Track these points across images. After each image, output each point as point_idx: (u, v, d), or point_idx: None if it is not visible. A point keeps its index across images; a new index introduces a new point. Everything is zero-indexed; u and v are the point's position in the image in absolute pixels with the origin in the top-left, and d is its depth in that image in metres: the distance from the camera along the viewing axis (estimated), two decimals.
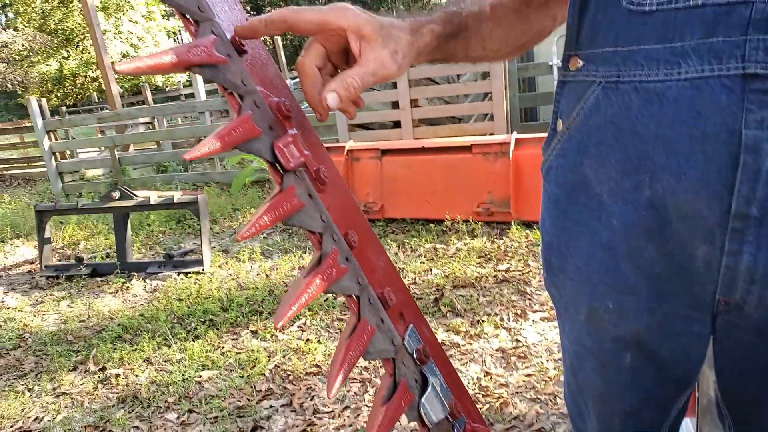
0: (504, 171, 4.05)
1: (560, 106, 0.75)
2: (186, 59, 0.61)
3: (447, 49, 0.79)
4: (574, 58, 0.72)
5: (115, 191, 4.46)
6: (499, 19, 0.83)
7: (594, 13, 0.67)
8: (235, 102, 0.69)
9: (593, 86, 0.67)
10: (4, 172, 12.83)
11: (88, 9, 10.89)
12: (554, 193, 0.77)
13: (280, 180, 0.71)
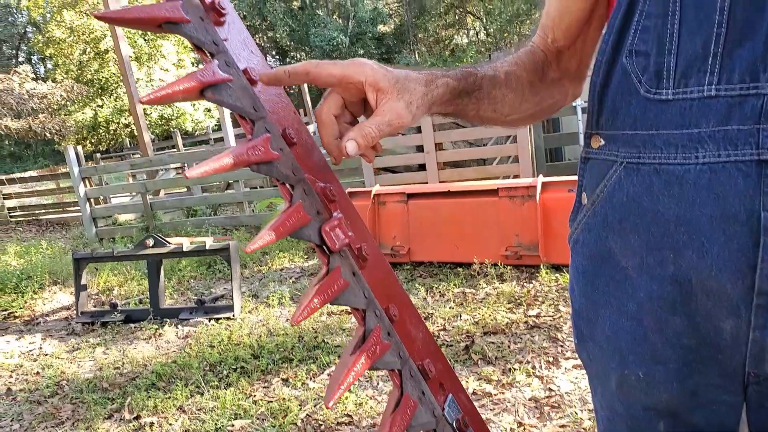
0: (531, 214, 4.06)
1: (584, 180, 0.79)
2: (245, 159, 0.66)
3: (459, 104, 0.82)
4: (595, 136, 0.76)
5: (149, 239, 4.57)
6: (513, 87, 0.87)
7: (614, 98, 0.72)
8: (287, 191, 0.74)
9: (615, 166, 0.71)
10: (41, 217, 13.20)
11: (123, 60, 11.31)
12: (582, 265, 0.81)
13: (326, 261, 0.76)
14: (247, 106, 0.72)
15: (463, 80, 0.81)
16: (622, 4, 0.69)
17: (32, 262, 6.01)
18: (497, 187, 4.25)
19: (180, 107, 19.62)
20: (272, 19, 30.00)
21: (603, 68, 0.73)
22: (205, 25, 0.70)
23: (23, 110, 12.73)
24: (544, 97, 0.92)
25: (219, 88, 0.68)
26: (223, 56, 0.71)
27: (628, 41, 0.69)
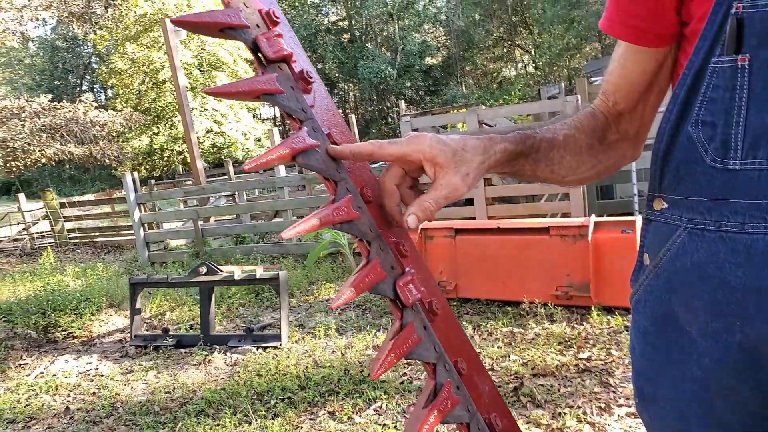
0: (583, 254, 4.01)
1: (646, 241, 0.81)
2: (331, 220, 0.71)
3: (515, 165, 0.85)
4: (658, 199, 0.78)
5: (202, 266, 4.70)
6: (571, 150, 0.90)
7: (678, 164, 0.74)
8: (364, 247, 0.78)
9: (679, 230, 0.73)
10: (97, 239, 13.69)
11: (180, 90, 11.75)
12: (643, 325, 0.82)
13: (400, 315, 0.79)
14: (331, 168, 0.77)
15: (521, 144, 0.83)
16: (688, 75, 0.72)
17: (90, 284, 6.23)
18: (548, 226, 4.22)
19: (231, 136, 20.18)
20: (322, 51, 30.74)
21: (667, 135, 0.75)
22: (295, 93, 0.76)
23: (86, 137, 13.32)
24: (602, 160, 0.94)
25: (308, 154, 0.74)
26: (311, 123, 0.76)
27: (694, 111, 0.71)
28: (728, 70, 0.67)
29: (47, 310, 5.37)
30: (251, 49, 0.73)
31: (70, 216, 14.30)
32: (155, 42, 19.72)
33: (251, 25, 0.73)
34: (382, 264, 0.77)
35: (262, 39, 0.72)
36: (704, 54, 0.69)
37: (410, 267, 0.82)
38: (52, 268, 7.78)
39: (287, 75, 0.75)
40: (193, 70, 19.72)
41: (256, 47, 0.73)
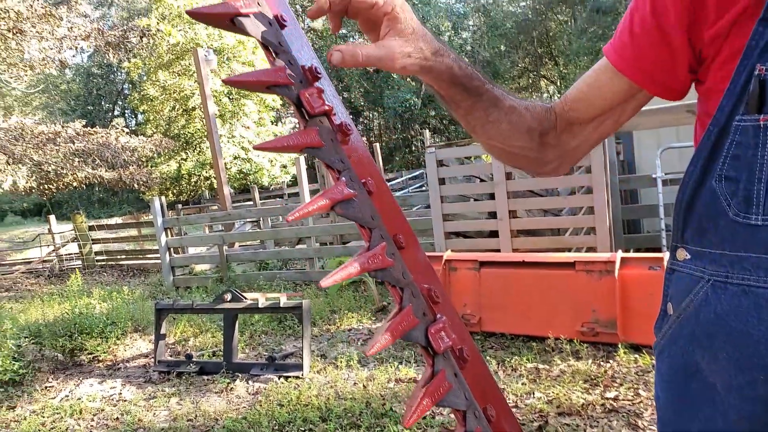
0: (609, 290, 3.97)
1: (669, 291, 0.83)
2: (367, 268, 0.74)
3: (453, 91, 0.88)
4: (681, 249, 0.80)
5: (227, 293, 4.75)
6: (511, 120, 0.93)
7: (701, 217, 0.76)
8: (397, 294, 0.80)
9: (702, 282, 0.75)
10: (123, 262, 13.91)
11: (209, 117, 11.99)
12: (667, 375, 0.83)
13: (431, 362, 0.81)
14: (367, 216, 0.79)
15: (466, 77, 0.86)
16: (712, 132, 0.73)
17: (116, 308, 6.32)
18: (574, 260, 4.19)
19: (258, 163, 20.45)
20: (348, 81, 31.16)
21: (690, 187, 0.77)
22: (335, 146, 0.79)
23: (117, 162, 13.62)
24: (528, 149, 0.97)
25: (346, 203, 0.76)
26: (348, 173, 0.79)
27: (718, 166, 0.73)
28: (751, 128, 0.69)
29: (74, 333, 5.46)
30: (295, 104, 0.76)
31: (98, 239, 14.58)
32: (186, 70, 20.20)
33: (295, 81, 0.76)
34: (414, 311, 0.79)
35: (305, 95, 0.76)
36: (728, 112, 0.71)
37: (441, 314, 0.83)
38: (79, 290, 7.91)
39: (327, 128, 0.78)
40: (222, 98, 20.12)
41: (299, 102, 0.76)
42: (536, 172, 1.06)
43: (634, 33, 0.83)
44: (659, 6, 0.79)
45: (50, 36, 12.40)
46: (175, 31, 19.36)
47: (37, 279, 13.22)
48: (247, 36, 0.75)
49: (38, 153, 12.54)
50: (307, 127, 0.76)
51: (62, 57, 14.04)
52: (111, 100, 41.85)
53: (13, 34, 11.54)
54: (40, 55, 13.23)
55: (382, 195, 0.83)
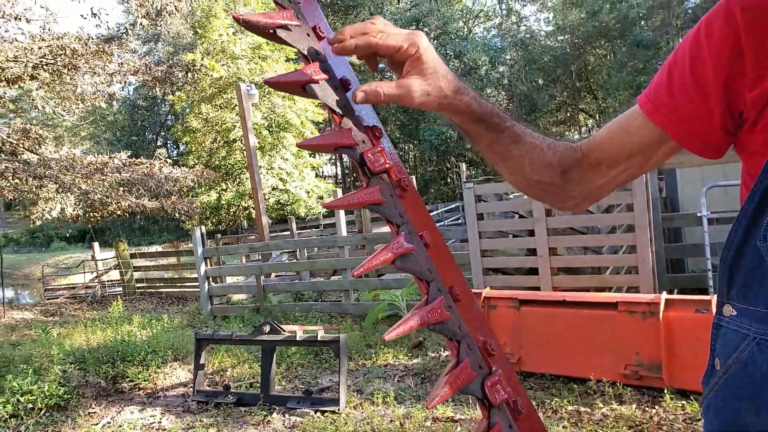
0: (653, 332, 3.87)
1: (716, 346, 0.83)
2: (426, 321, 0.76)
3: (473, 127, 0.91)
4: (727, 305, 0.80)
5: (266, 325, 4.79)
6: (531, 157, 0.95)
7: (746, 275, 0.76)
8: (454, 347, 0.82)
9: (747, 340, 0.75)
10: (162, 290, 14.19)
11: (250, 149, 12.28)
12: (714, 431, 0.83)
13: (487, 414, 0.82)
14: (424, 270, 0.82)
15: (486, 114, 0.90)
16: (756, 194, 0.74)
17: (156, 336, 6.43)
18: (617, 301, 4.11)
19: (296, 194, 20.74)
20: (385, 113, 31.53)
21: (735, 246, 0.77)
22: (394, 201, 0.82)
23: (159, 192, 13.98)
24: (549, 183, 0.99)
25: (404, 258, 0.79)
26: (407, 227, 0.82)
27: (763, 227, 0.74)
28: None
29: (116, 360, 5.57)
30: (358, 162, 0.80)
31: (139, 266, 14.93)
32: (228, 103, 20.77)
33: (359, 142, 0.80)
34: (471, 364, 0.80)
35: (368, 155, 0.79)
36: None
37: (496, 367, 0.84)
38: (121, 316, 8.09)
39: (388, 185, 0.81)
40: (263, 131, 20.57)
41: (363, 161, 0.79)
42: (557, 206, 1.09)
43: (671, 88, 0.85)
44: (699, 65, 0.81)
45: (102, 71, 12.93)
46: (219, 65, 19.98)
47: (81, 304, 13.56)
48: (316, 100, 0.79)
49: (86, 182, 12.97)
50: (370, 185, 0.79)
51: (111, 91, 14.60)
52: (154, 131, 43.21)
53: (68, 70, 12.07)
54: (91, 89, 13.77)
55: (438, 247, 0.86)
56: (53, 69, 12.00)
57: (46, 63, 11.80)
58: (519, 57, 35.54)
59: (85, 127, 37.66)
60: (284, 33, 0.78)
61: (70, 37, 12.40)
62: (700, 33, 0.82)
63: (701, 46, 0.81)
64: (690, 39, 0.84)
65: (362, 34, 0.81)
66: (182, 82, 15.31)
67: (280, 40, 0.79)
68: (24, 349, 6.94)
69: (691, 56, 0.82)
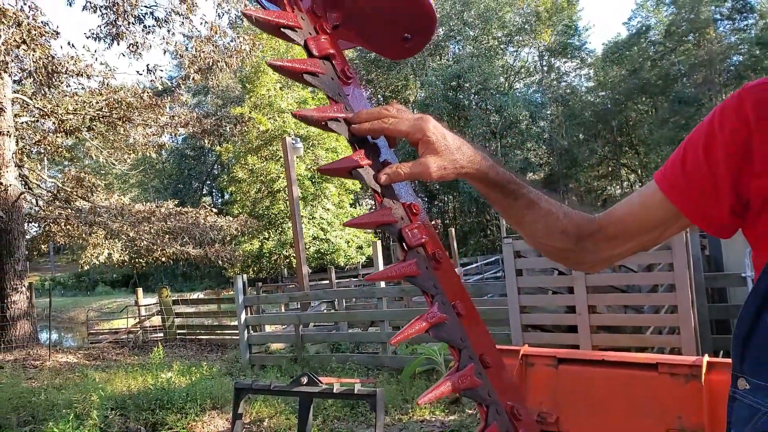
0: (696, 396, 3.77)
1: (732, 418, 0.87)
2: (458, 387, 0.84)
3: (491, 192, 0.99)
4: (741, 379, 0.85)
5: (304, 377, 4.84)
6: (545, 222, 1.01)
7: (758, 351, 0.81)
8: (483, 411, 0.88)
9: (759, 414, 0.79)
10: (201, 337, 14.35)
11: (293, 200, 12.57)
12: None
13: None
14: (456, 338, 0.89)
15: (502, 180, 0.97)
16: (766, 273, 0.80)
17: (194, 383, 6.53)
18: (657, 362, 4.04)
19: (336, 243, 20.98)
20: None
21: (748, 322, 0.82)
22: (429, 272, 0.91)
23: (204, 240, 14.35)
24: (567, 249, 1.05)
25: (438, 326, 0.87)
26: (440, 297, 0.90)
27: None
28: None
29: (156, 407, 5.67)
30: (397, 238, 0.89)
31: (181, 312, 15.18)
32: (274, 155, 21.42)
33: (398, 218, 0.89)
34: (499, 428, 0.87)
35: (406, 231, 0.89)
36: None
37: (523, 430, 0.90)
38: (161, 363, 8.25)
39: (423, 257, 0.90)
40: (305, 181, 21.06)
41: (401, 237, 0.89)
42: (568, 266, 1.17)
43: (685, 167, 0.91)
44: (712, 149, 0.87)
45: (154, 123, 13.56)
46: (266, 119, 20.69)
47: (122, 349, 13.79)
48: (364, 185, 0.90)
49: (134, 230, 13.42)
50: (407, 259, 0.88)
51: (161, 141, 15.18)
52: (201, 179, 44.48)
53: (122, 122, 12.71)
54: (143, 140, 14.35)
55: (470, 317, 0.94)
56: (108, 121, 12.67)
57: (102, 116, 12.45)
58: (559, 112, 35.72)
59: (134, 175, 39.00)
60: (334, 125, 0.89)
61: (126, 91, 13.11)
62: (714, 120, 0.88)
63: (714, 132, 0.87)
64: (706, 123, 0.90)
65: (376, 118, 0.91)
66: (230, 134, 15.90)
67: (332, 130, 0.90)
68: (67, 392, 7.11)
69: (706, 140, 0.89)
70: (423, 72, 33.14)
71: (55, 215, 12.72)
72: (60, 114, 11.60)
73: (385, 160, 0.94)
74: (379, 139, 0.96)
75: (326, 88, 0.91)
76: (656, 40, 33.83)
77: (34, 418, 6.22)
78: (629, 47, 34.28)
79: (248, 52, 12.50)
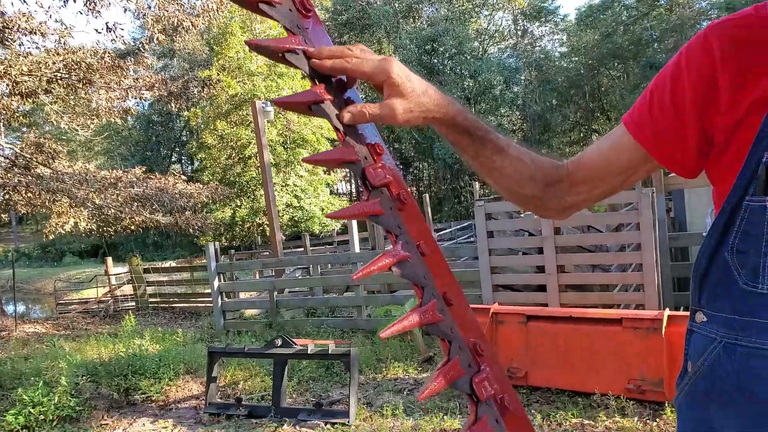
0: (657, 348, 3.92)
1: (689, 350, 0.92)
2: (419, 322, 0.85)
3: (458, 138, 0.99)
4: (699, 312, 0.89)
5: (278, 339, 4.88)
6: (514, 167, 1.02)
7: (715, 284, 0.85)
8: (445, 346, 0.91)
9: (715, 343, 0.84)
10: (175, 305, 14.25)
11: (265, 166, 12.43)
12: (685, 429, 0.91)
13: (474, 408, 0.91)
14: (420, 276, 0.91)
15: (470, 126, 0.97)
16: (726, 209, 0.83)
17: (168, 350, 6.52)
18: (621, 317, 4.17)
19: (310, 211, 20.89)
20: (399, 132, 31.72)
21: (706, 257, 0.86)
22: (393, 213, 0.91)
23: (173, 207, 14.11)
24: (534, 196, 1.07)
25: (402, 264, 0.88)
26: (404, 237, 0.91)
27: (731, 240, 0.82)
28: (758, 208, 0.78)
29: (128, 373, 5.66)
30: (360, 177, 0.90)
31: (152, 281, 15.03)
32: (244, 120, 21.05)
33: (361, 158, 0.90)
34: (461, 362, 0.89)
35: (369, 170, 0.89)
36: (740, 193, 0.81)
37: (486, 365, 0.93)
38: (133, 331, 8.19)
39: (387, 198, 0.91)
40: (278, 147, 20.80)
41: (364, 176, 0.89)
42: (537, 214, 1.16)
43: (652, 111, 0.93)
44: (678, 90, 0.89)
45: (117, 86, 13.07)
46: (235, 82, 20.27)
47: (93, 319, 13.65)
48: (324, 118, 0.89)
49: (100, 197, 13.07)
50: (371, 198, 0.89)
51: (126, 106, 14.71)
52: (169, 146, 43.53)
53: (82, 85, 12.18)
54: (106, 104, 13.84)
55: (434, 256, 0.95)
56: (68, 83, 12.11)
57: (60, 77, 11.91)
58: (533, 77, 35.70)
59: (99, 142, 37.85)
60: (293, 57, 0.88)
61: (86, 51, 12.55)
62: (681, 60, 0.90)
63: (681, 72, 0.89)
64: (672, 64, 0.92)
65: (338, 57, 0.88)
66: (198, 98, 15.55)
67: (289, 63, 0.88)
68: (35, 362, 7.04)
69: (672, 81, 0.90)
70: (397, 35, 32.70)
71: (14, 182, 12.28)
72: (14, 75, 11.07)
73: (349, 98, 0.93)
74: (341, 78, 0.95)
75: (283, 19, 0.89)
76: (630, 4, 33.83)
77: (2, 387, 6.17)
78: (603, 11, 34.26)
79: (215, 11, 12.07)
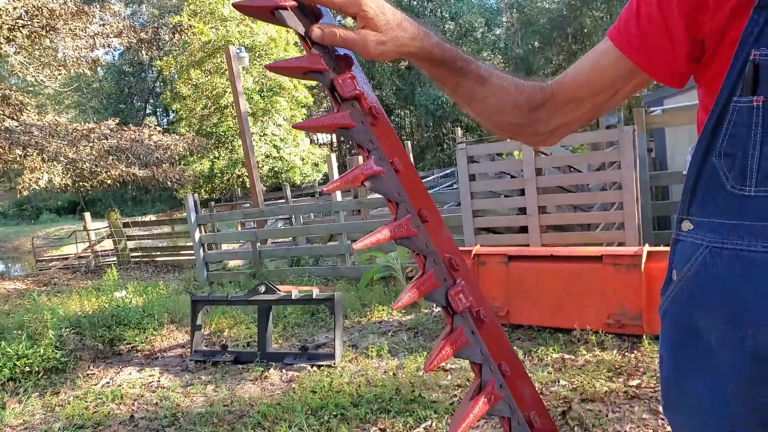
0: (636, 283, 4.00)
1: (674, 259, 0.92)
2: (393, 235, 0.84)
3: (437, 70, 0.96)
4: (686, 221, 0.89)
5: (261, 285, 4.89)
6: (498, 97, 1.00)
7: (704, 191, 0.84)
8: (421, 261, 0.90)
9: (701, 248, 0.84)
10: (157, 259, 14.20)
11: (241, 115, 12.20)
12: (670, 335, 0.93)
13: (450, 320, 0.91)
14: (393, 192, 0.89)
15: (449, 58, 0.94)
16: (714, 112, 0.81)
17: (151, 301, 6.51)
18: (601, 254, 4.23)
19: (290, 161, 20.71)
20: (380, 78, 31.26)
21: (696, 165, 0.85)
22: (365, 127, 0.89)
23: (150, 160, 13.87)
24: (520, 124, 1.05)
25: (374, 178, 0.86)
26: (377, 152, 0.89)
27: (718, 144, 0.81)
28: (745, 109, 0.76)
29: (112, 324, 5.66)
30: (329, 88, 0.87)
31: (133, 235, 14.91)
32: (218, 68, 20.54)
33: (329, 68, 0.86)
34: (436, 275, 0.89)
35: (338, 80, 0.86)
36: (727, 94, 0.79)
37: (461, 279, 0.93)
38: (115, 284, 8.16)
39: (359, 111, 0.88)
40: (254, 95, 20.41)
41: (333, 87, 0.86)
42: (525, 142, 1.14)
43: (639, 21, 0.90)
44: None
45: (83, 33, 12.57)
46: (207, 28, 19.67)
47: (74, 274, 13.57)
48: (286, 28, 0.85)
49: (73, 150, 12.75)
50: (341, 110, 0.86)
51: (95, 56, 14.21)
52: (143, 98, 42.49)
53: (46, 32, 11.68)
54: (73, 54, 13.36)
55: (409, 174, 0.93)
56: (30, 31, 11.61)
57: (22, 24, 11.42)
58: (515, 19, 35.16)
59: (69, 95, 36.60)
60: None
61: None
62: None
63: None
64: None
65: None
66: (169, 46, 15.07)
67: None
68: (17, 316, 7.02)
69: None
70: None
71: None
72: None
73: (316, 7, 0.89)
74: None
75: None
76: None
77: None
78: None
79: None
